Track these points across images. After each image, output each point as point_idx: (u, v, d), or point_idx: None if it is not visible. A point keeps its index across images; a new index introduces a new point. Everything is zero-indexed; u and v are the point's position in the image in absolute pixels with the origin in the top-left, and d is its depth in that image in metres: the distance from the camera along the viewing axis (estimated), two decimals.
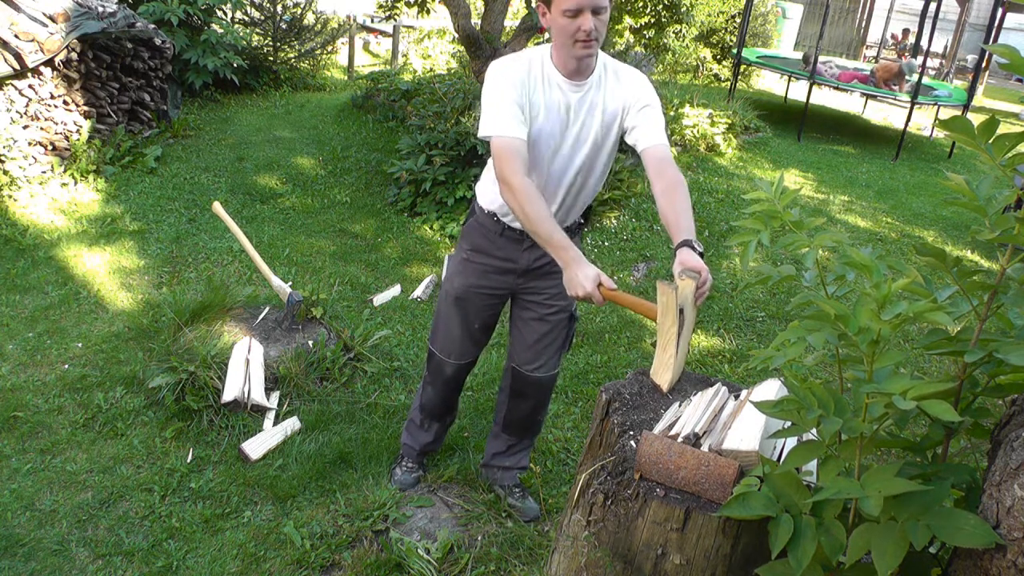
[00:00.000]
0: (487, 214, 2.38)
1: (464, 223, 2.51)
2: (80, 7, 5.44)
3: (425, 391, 2.73)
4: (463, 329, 2.53)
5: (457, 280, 2.47)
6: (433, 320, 2.62)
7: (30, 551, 2.42)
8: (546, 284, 2.43)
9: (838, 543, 1.18)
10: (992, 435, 1.27)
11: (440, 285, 2.57)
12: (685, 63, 12.03)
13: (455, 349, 2.57)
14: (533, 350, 2.53)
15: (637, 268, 5.00)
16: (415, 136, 5.66)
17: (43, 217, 4.72)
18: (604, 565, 1.61)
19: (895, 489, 1.08)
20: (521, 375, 2.58)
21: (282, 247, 4.78)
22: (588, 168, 2.28)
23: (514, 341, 2.58)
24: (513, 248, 2.37)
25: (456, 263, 2.49)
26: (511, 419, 2.69)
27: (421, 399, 2.76)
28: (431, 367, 2.66)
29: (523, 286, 2.44)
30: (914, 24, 15.16)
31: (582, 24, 1.99)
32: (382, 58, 11.90)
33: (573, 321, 2.54)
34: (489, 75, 2.13)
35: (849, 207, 6.78)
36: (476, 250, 2.42)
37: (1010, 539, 1.09)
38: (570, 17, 1.99)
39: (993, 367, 1.22)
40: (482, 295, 2.46)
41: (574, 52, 2.04)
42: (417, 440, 2.82)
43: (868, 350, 1.14)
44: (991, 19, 9.59)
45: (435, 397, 2.71)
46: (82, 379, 3.27)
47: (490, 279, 2.43)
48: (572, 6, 1.98)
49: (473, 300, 2.47)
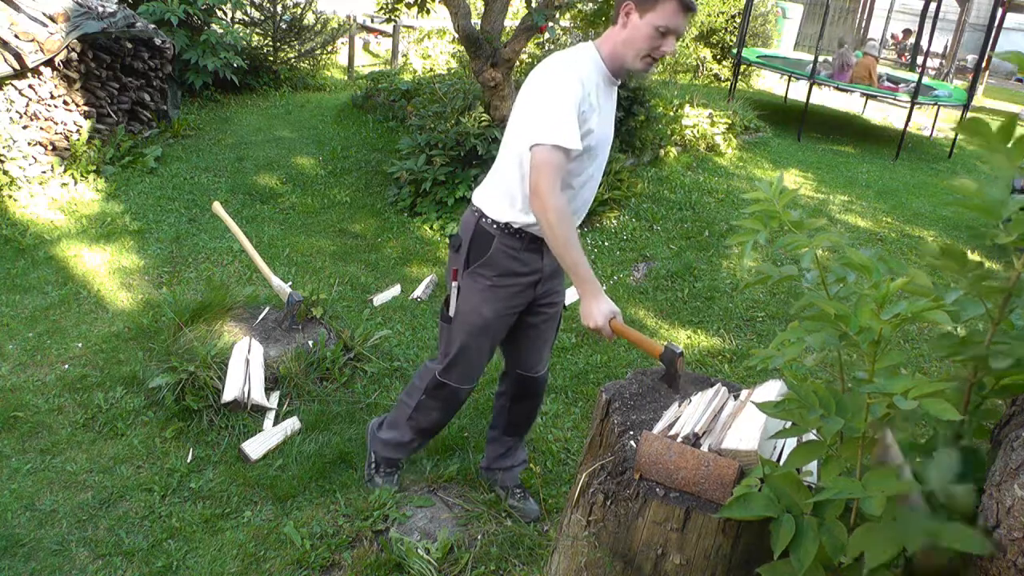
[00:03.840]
0: (508, 232, 2.22)
1: (471, 245, 2.26)
2: (80, 7, 5.44)
3: (427, 416, 2.56)
4: (485, 356, 2.42)
5: (487, 309, 2.29)
6: (448, 352, 2.40)
7: (30, 551, 2.42)
8: (554, 284, 2.43)
9: (839, 543, 1.18)
10: (992, 435, 1.27)
11: (453, 316, 2.33)
12: (685, 63, 12.03)
13: (474, 375, 2.45)
14: (543, 352, 2.54)
15: (637, 268, 5.00)
16: (415, 136, 5.66)
17: (43, 217, 4.72)
18: (604, 565, 1.61)
19: (896, 489, 1.08)
20: (526, 379, 2.57)
21: (282, 247, 4.78)
22: (601, 168, 2.28)
23: (525, 349, 2.52)
24: (536, 258, 2.28)
25: (479, 292, 2.28)
26: (514, 422, 2.70)
27: (419, 422, 2.57)
28: (442, 396, 2.48)
29: (542, 292, 2.38)
30: (914, 24, 15.17)
31: (665, 46, 2.01)
32: (382, 58, 11.90)
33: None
34: (550, 75, 2.04)
35: (849, 207, 6.78)
36: (504, 274, 2.27)
37: (1010, 539, 1.09)
38: (660, 34, 2.00)
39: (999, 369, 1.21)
40: (510, 316, 2.36)
41: (638, 64, 2.05)
42: (400, 452, 2.71)
43: (869, 350, 1.13)
44: (991, 19, 9.59)
45: (442, 420, 2.59)
46: (82, 379, 3.27)
47: (519, 298, 2.34)
48: (668, 25, 1.98)
49: (503, 322, 2.36)
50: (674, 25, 2.00)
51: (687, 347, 4.06)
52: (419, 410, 2.54)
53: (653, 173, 6.68)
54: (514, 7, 9.27)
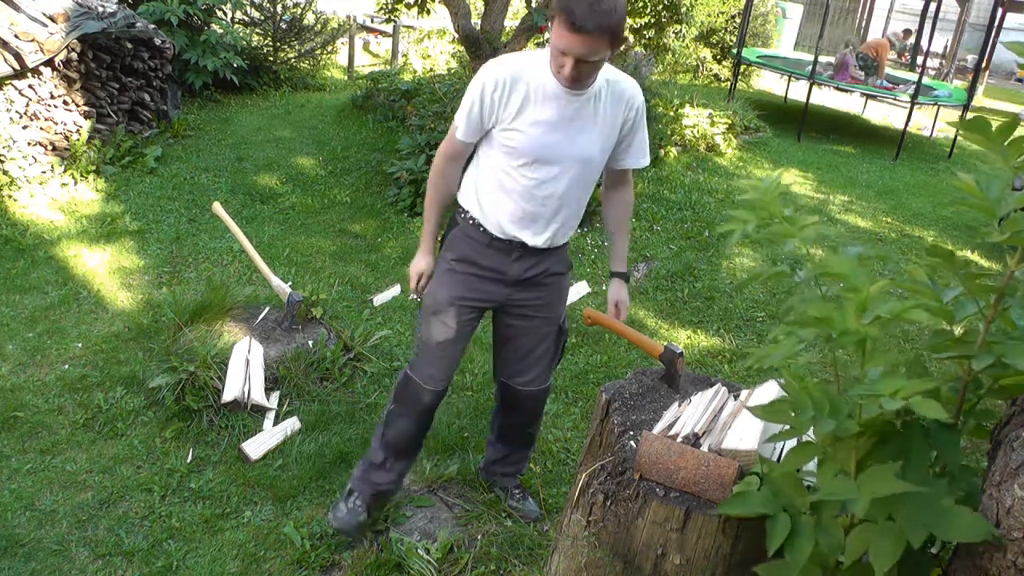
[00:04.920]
0: (472, 224, 2.24)
1: (446, 233, 2.33)
2: (80, 7, 5.44)
3: (394, 424, 2.43)
4: (446, 349, 2.34)
5: (442, 293, 2.28)
6: (415, 344, 2.42)
7: (30, 551, 2.42)
8: (535, 295, 2.32)
9: (836, 543, 1.18)
10: (992, 435, 1.27)
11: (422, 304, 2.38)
12: (685, 63, 12.03)
13: (436, 373, 2.36)
14: (523, 363, 2.43)
15: (637, 268, 5.00)
16: (415, 136, 5.66)
17: (43, 217, 4.72)
18: (604, 565, 1.61)
19: (891, 489, 1.08)
20: (512, 389, 2.49)
21: (282, 247, 4.78)
22: (584, 183, 2.19)
23: (503, 355, 2.47)
24: (502, 259, 2.24)
25: (439, 275, 2.32)
26: (505, 430, 2.67)
27: (386, 435, 2.45)
28: (406, 396, 2.40)
29: (512, 297, 2.30)
30: (914, 24, 15.16)
31: (566, 67, 1.92)
32: (382, 58, 11.90)
33: (563, 333, 2.46)
34: (480, 70, 2.09)
35: (849, 207, 6.78)
36: (461, 259, 2.26)
37: (1010, 539, 1.09)
38: (559, 52, 1.92)
39: (998, 369, 1.21)
40: (467, 308, 2.29)
41: (560, 80, 1.99)
42: (374, 481, 2.50)
43: (856, 352, 1.13)
44: (991, 19, 9.59)
45: (408, 430, 2.44)
46: (82, 379, 3.27)
47: (477, 290, 2.27)
48: (561, 47, 1.89)
49: (459, 314, 2.29)
50: (563, 46, 1.88)
51: (687, 347, 4.06)
52: (388, 422, 2.45)
53: (653, 173, 6.68)
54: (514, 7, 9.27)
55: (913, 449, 1.16)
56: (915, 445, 1.16)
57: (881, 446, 1.19)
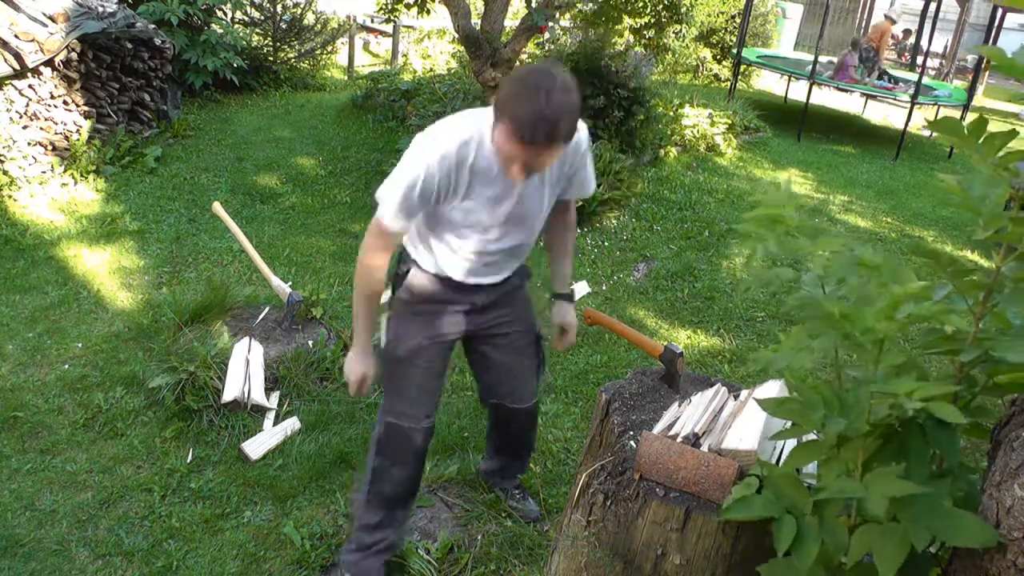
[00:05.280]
0: (432, 276, 2.11)
1: (395, 273, 2.15)
2: (80, 7, 5.44)
3: (387, 478, 2.26)
4: (430, 385, 2.23)
5: (408, 341, 2.15)
6: (384, 396, 2.26)
7: (30, 551, 2.42)
8: (503, 312, 2.23)
9: (841, 543, 1.18)
10: (992, 435, 1.27)
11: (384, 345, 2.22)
12: (685, 63, 12.02)
13: (424, 409, 2.23)
14: (512, 383, 2.38)
15: (637, 268, 5.00)
16: (415, 136, 5.65)
17: (43, 217, 4.72)
18: (604, 565, 1.61)
19: (896, 491, 1.08)
20: (505, 408, 2.43)
21: (282, 247, 4.78)
22: (537, 229, 2.10)
23: (487, 381, 2.40)
24: (466, 292, 2.14)
25: (402, 319, 2.17)
26: (504, 446, 2.66)
27: (383, 492, 2.27)
28: (392, 445, 2.23)
29: (480, 323, 2.21)
30: (914, 24, 15.16)
31: (515, 168, 1.77)
32: (382, 58, 11.89)
33: (540, 340, 2.40)
34: (415, 148, 1.87)
35: (849, 207, 6.78)
36: (423, 301, 2.13)
37: (1010, 539, 1.09)
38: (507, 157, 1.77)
39: (991, 366, 1.22)
40: (442, 344, 2.19)
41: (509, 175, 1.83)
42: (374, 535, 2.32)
43: (873, 350, 1.13)
44: (991, 19, 9.59)
45: (404, 478, 2.28)
46: (82, 379, 3.27)
47: (449, 324, 2.16)
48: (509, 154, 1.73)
49: (439, 352, 2.19)
50: (511, 154, 1.71)
51: (687, 347, 4.06)
52: (376, 479, 2.27)
53: (653, 173, 6.68)
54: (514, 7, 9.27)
55: (912, 448, 1.16)
56: (914, 444, 1.16)
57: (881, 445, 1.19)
